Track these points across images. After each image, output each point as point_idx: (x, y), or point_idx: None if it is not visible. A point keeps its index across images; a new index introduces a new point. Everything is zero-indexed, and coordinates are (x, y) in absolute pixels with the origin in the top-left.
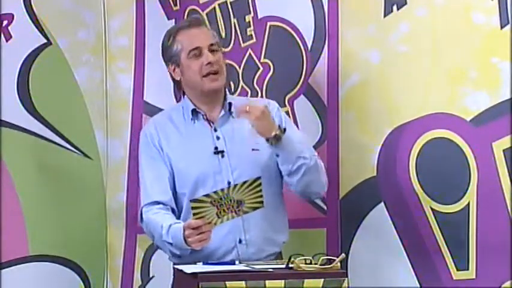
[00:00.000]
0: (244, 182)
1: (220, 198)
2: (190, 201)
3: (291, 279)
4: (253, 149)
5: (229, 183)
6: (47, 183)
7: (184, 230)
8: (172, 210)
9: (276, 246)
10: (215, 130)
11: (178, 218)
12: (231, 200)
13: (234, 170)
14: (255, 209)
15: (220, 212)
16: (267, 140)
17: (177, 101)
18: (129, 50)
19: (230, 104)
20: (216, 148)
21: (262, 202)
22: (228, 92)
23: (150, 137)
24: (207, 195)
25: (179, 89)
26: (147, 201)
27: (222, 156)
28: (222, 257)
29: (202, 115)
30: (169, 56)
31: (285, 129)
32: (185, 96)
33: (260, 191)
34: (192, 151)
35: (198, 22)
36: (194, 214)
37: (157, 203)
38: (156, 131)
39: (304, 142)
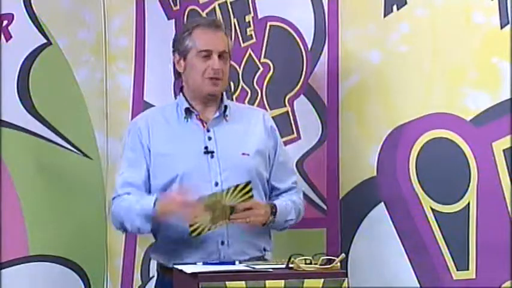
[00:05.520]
0: (236, 186)
1: (214, 204)
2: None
3: (291, 279)
4: (243, 153)
5: (216, 183)
6: (47, 183)
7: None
8: None
9: (257, 251)
10: (208, 130)
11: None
12: (224, 206)
13: (223, 172)
14: None
15: (213, 219)
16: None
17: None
18: (129, 50)
19: (226, 106)
20: (206, 148)
21: None
22: (225, 95)
23: (138, 132)
24: (201, 199)
25: (178, 83)
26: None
27: (212, 156)
28: (205, 258)
29: (196, 114)
30: (178, 47)
31: (275, 210)
32: (181, 93)
33: (251, 196)
34: (182, 147)
35: (217, 25)
36: (191, 225)
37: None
38: (147, 125)
39: (288, 207)
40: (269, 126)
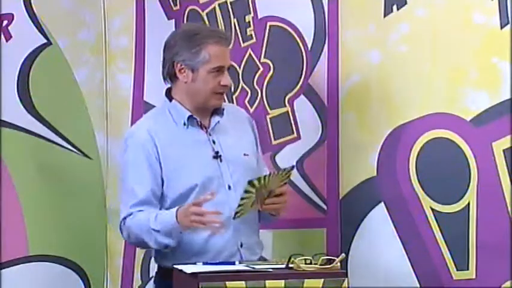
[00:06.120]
0: (282, 171)
1: (260, 188)
2: (248, 182)
3: (291, 279)
4: (244, 154)
5: (229, 187)
6: (47, 183)
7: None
8: None
9: (262, 250)
10: (210, 135)
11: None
12: (266, 189)
13: (233, 174)
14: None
15: (253, 203)
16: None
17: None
18: (129, 50)
19: (223, 109)
20: (217, 152)
21: None
22: None
23: (140, 145)
24: (258, 179)
25: (171, 89)
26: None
27: (221, 160)
28: (226, 260)
29: (197, 121)
30: (185, 58)
31: None
32: (173, 100)
33: (286, 182)
34: (193, 156)
35: (228, 40)
36: (242, 199)
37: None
38: (150, 136)
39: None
40: (251, 121)
